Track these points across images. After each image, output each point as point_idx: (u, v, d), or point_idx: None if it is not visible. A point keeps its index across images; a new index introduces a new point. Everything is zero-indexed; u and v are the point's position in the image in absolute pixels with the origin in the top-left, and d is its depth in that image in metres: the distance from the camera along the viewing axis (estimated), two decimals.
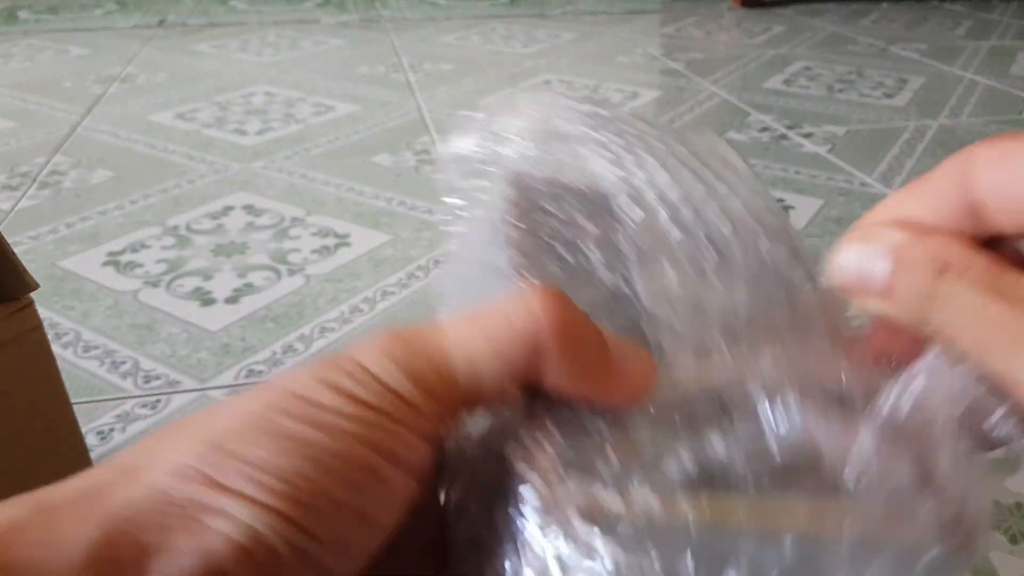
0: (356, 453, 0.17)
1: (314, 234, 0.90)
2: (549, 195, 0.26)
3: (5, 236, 0.40)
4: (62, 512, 0.16)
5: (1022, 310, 0.17)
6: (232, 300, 0.77)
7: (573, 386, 0.19)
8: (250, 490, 0.16)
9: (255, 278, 0.81)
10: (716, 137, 0.28)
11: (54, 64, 1.55)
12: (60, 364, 0.45)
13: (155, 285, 0.79)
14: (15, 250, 0.41)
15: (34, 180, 1.03)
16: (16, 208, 0.96)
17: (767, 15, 2.02)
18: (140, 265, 0.83)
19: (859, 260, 0.20)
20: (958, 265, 0.19)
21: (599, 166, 0.27)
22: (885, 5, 2.18)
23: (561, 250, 0.24)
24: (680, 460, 0.18)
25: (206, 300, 0.77)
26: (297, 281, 0.80)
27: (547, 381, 0.19)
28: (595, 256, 0.24)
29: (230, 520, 0.16)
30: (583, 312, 0.20)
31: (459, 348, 0.19)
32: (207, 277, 0.81)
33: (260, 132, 1.21)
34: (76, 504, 0.16)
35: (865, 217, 0.21)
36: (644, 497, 0.18)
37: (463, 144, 0.28)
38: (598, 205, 0.26)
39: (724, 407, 0.20)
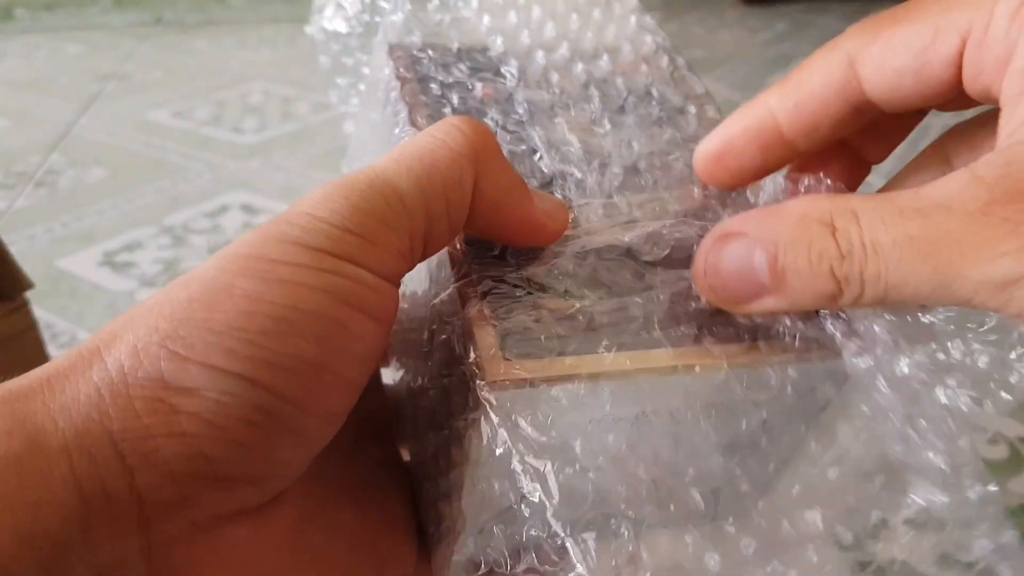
0: (320, 305, 0.16)
1: None
2: (434, 62, 0.25)
3: (1, 235, 0.40)
4: (29, 402, 0.15)
5: (970, 206, 0.16)
6: None
7: (501, 215, 0.19)
8: (217, 359, 0.15)
9: None
10: None
11: (50, 62, 1.54)
12: None
13: (151, 285, 0.79)
14: (10, 249, 0.40)
15: (30, 179, 1.03)
16: (12, 207, 0.95)
17: (770, 12, 2.01)
18: (136, 265, 0.82)
19: (739, 266, 0.18)
20: (842, 218, 0.17)
21: (481, 25, 0.27)
22: (887, 2, 2.18)
23: (455, 113, 0.23)
24: (594, 312, 0.18)
25: None
26: None
27: (478, 207, 0.18)
28: (489, 115, 0.23)
29: (199, 397, 0.15)
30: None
31: (402, 176, 0.18)
32: None
33: (257, 130, 1.20)
34: (40, 394, 0.15)
35: (733, 118, 0.21)
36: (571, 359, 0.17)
37: (329, 19, 0.28)
38: (483, 64, 0.26)
39: (631, 253, 0.20)
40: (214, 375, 0.15)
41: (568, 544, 0.16)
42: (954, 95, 0.19)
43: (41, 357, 0.43)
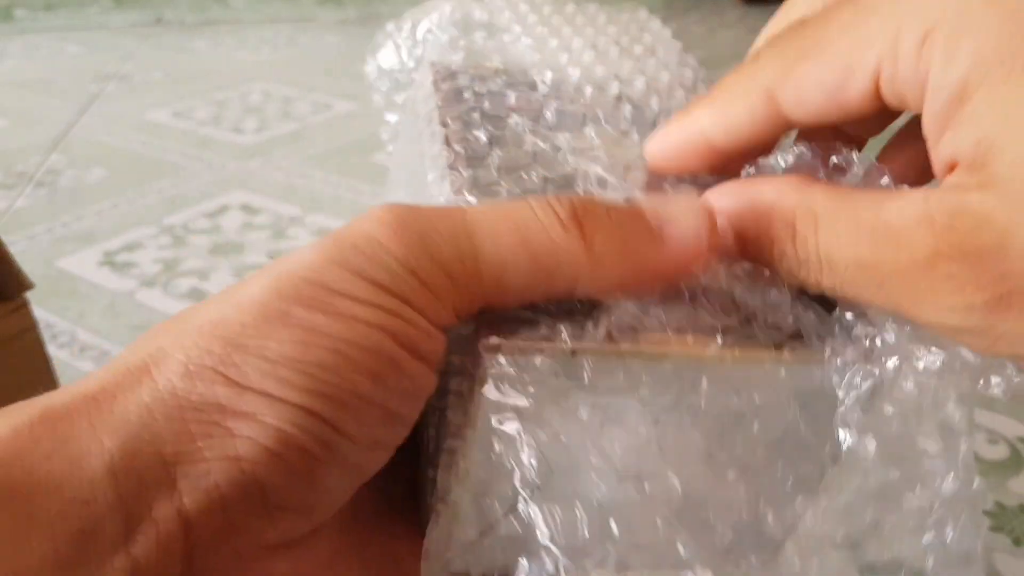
0: (376, 343, 0.16)
1: (312, 233, 0.89)
2: (470, 76, 0.26)
3: (0, 235, 0.40)
4: (72, 420, 0.15)
5: (915, 244, 0.16)
6: None
7: (611, 288, 0.18)
8: (274, 388, 0.15)
9: None
10: (648, 15, 0.29)
11: (50, 62, 1.54)
12: (56, 365, 0.44)
13: (151, 285, 0.79)
14: (10, 249, 0.40)
15: (30, 179, 1.03)
16: (12, 207, 0.95)
17: (770, 12, 2.01)
18: (136, 265, 0.82)
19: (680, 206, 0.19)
20: (803, 220, 0.18)
21: (521, 49, 0.27)
22: None
23: (486, 122, 0.24)
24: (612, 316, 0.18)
25: (203, 300, 0.76)
26: None
27: (578, 292, 0.17)
28: (519, 122, 0.24)
29: (258, 423, 0.15)
30: (610, 205, 0.18)
31: (490, 242, 0.17)
32: (204, 277, 0.80)
33: (257, 130, 1.20)
34: (85, 412, 0.15)
35: (673, 140, 0.21)
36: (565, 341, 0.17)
37: (384, 57, 0.28)
38: (520, 81, 0.26)
39: None
40: (271, 403, 0.15)
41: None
42: (883, 115, 0.19)
43: (41, 357, 0.43)
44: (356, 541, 0.19)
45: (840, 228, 0.17)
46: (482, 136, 0.23)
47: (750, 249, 0.19)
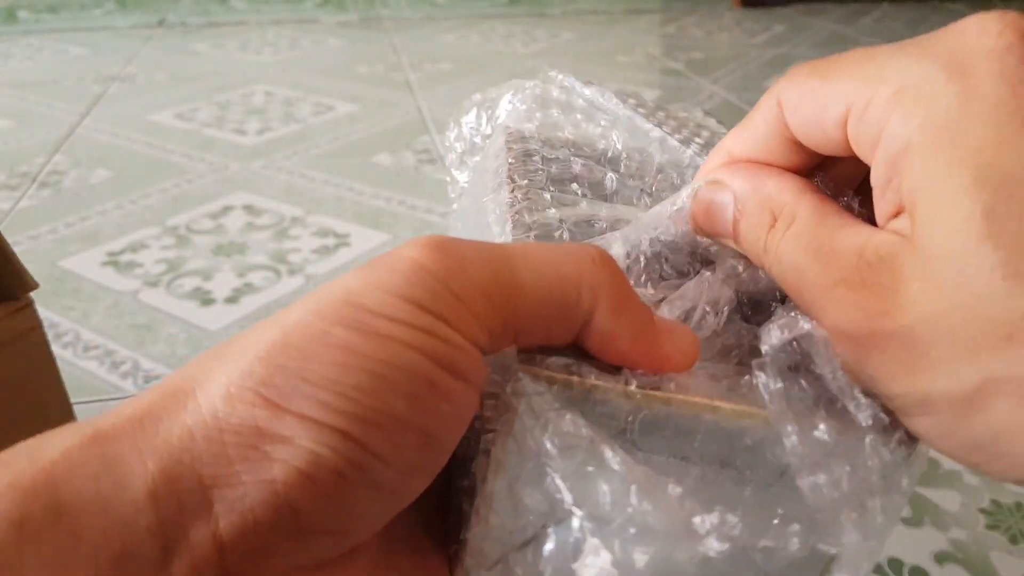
0: (416, 365, 0.16)
1: (314, 234, 0.90)
2: (540, 142, 0.27)
3: (5, 236, 0.40)
4: (119, 442, 0.15)
5: (836, 267, 0.19)
6: (232, 300, 0.77)
7: (618, 345, 0.19)
8: (312, 410, 0.15)
9: (255, 278, 0.81)
10: (704, 115, 0.30)
11: (53, 64, 1.55)
12: (60, 364, 0.45)
13: (155, 285, 0.79)
14: (15, 250, 0.41)
15: (34, 180, 1.03)
16: (16, 208, 0.96)
17: (767, 14, 2.02)
18: (140, 265, 0.83)
19: (710, 202, 0.22)
20: (785, 217, 0.20)
21: (591, 128, 0.29)
22: (886, 4, 2.18)
23: (551, 184, 0.25)
24: None
25: (206, 300, 0.77)
26: (297, 281, 0.80)
27: (591, 335, 0.18)
28: (580, 189, 0.25)
29: (293, 447, 0.15)
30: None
31: (526, 270, 0.18)
32: (207, 277, 0.81)
33: (260, 132, 1.20)
34: (131, 434, 0.15)
35: (709, 158, 0.24)
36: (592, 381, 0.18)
37: (466, 121, 0.29)
38: (586, 154, 0.27)
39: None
40: (308, 426, 0.15)
41: None
42: (846, 150, 0.20)
43: (46, 357, 0.44)
44: (390, 560, 0.19)
45: (803, 236, 0.20)
46: (546, 195, 0.24)
47: (739, 226, 0.22)
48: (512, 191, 0.24)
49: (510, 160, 0.25)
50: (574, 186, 0.25)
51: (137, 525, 0.14)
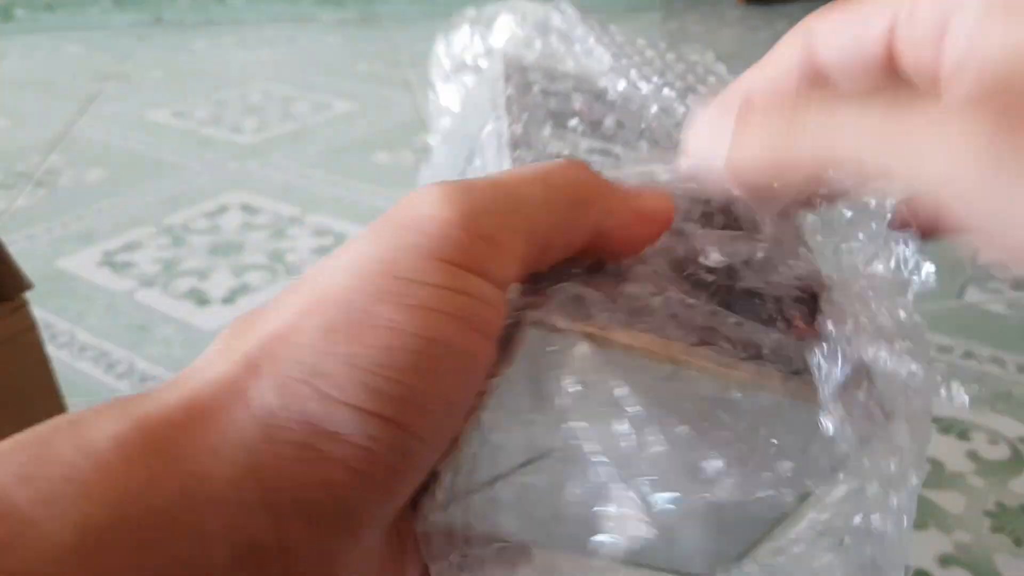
0: (455, 337, 0.16)
1: (311, 233, 0.89)
2: (541, 73, 0.26)
3: (0, 235, 0.40)
4: (176, 440, 0.14)
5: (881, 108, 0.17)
6: (228, 300, 0.76)
7: (607, 229, 0.18)
8: (363, 399, 0.15)
9: (251, 278, 0.80)
10: (714, 59, 0.29)
11: (49, 62, 1.54)
12: (55, 365, 0.44)
13: (150, 285, 0.79)
14: (10, 249, 0.40)
15: (29, 179, 1.03)
16: (11, 207, 0.95)
17: (770, 11, 2.01)
18: (135, 265, 0.82)
19: (710, 125, 0.20)
20: (802, 101, 0.18)
21: (592, 62, 0.28)
22: None
23: (550, 119, 0.24)
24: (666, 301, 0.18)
25: (202, 300, 0.76)
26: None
27: (599, 237, 0.18)
28: (578, 125, 0.24)
29: (346, 443, 0.15)
30: (604, 178, 0.19)
31: (526, 183, 0.17)
32: (203, 277, 0.80)
33: (257, 130, 1.20)
34: (187, 429, 0.14)
35: (722, 95, 0.22)
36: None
37: (457, 38, 0.29)
38: (587, 88, 0.27)
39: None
40: (360, 418, 0.15)
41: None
42: (886, 74, 0.20)
43: (41, 357, 0.43)
44: (394, 534, 0.19)
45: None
46: (546, 131, 0.23)
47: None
48: (510, 124, 0.23)
49: (509, 91, 0.24)
50: (573, 122, 0.24)
51: (205, 533, 0.14)
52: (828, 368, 0.18)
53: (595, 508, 0.18)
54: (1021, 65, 0.16)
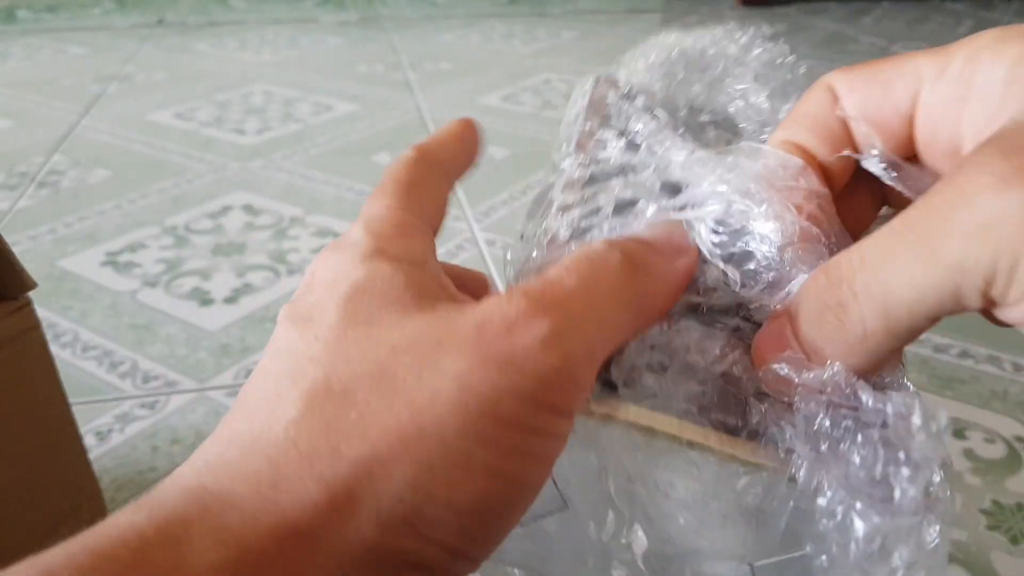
0: (540, 479, 0.16)
1: (313, 234, 0.90)
2: (624, 96, 0.26)
3: (3, 235, 0.40)
4: (273, 571, 0.14)
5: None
6: (231, 300, 0.77)
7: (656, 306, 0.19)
8: (453, 540, 0.15)
9: (254, 278, 0.81)
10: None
11: (52, 63, 1.55)
12: (58, 364, 0.45)
13: (153, 285, 0.79)
14: (14, 250, 0.41)
15: (32, 180, 1.03)
16: (14, 208, 0.96)
17: (768, 14, 2.02)
18: (138, 265, 0.83)
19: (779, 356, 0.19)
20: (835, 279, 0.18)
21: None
22: (886, 4, 2.18)
23: (611, 133, 0.24)
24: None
25: (205, 300, 0.77)
26: (296, 281, 0.80)
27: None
28: (619, 144, 0.24)
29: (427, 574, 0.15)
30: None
31: (619, 337, 0.18)
32: (206, 277, 0.81)
33: (259, 131, 1.20)
34: (284, 556, 0.14)
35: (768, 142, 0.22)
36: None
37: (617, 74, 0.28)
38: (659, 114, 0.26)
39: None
40: (450, 556, 0.15)
41: None
42: (906, 147, 0.20)
43: (45, 357, 0.44)
44: None
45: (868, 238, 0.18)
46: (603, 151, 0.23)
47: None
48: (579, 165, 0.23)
49: (590, 113, 0.25)
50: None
51: None
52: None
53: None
54: None
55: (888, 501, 0.17)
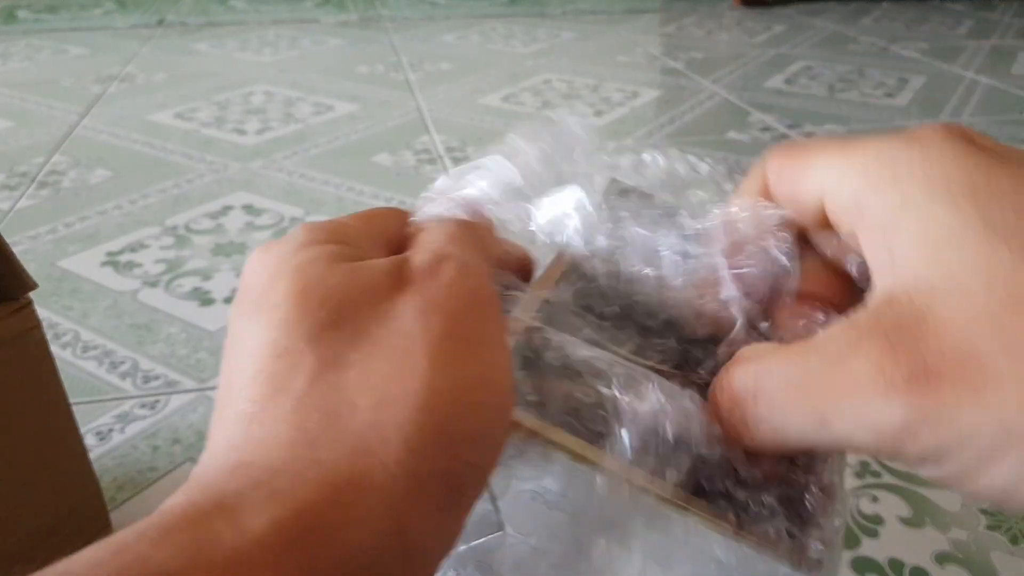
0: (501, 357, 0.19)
1: None
2: (632, 197, 0.26)
3: (4, 236, 0.40)
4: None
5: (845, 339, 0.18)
6: (231, 300, 0.77)
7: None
8: (474, 456, 0.17)
9: None
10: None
11: (53, 63, 1.55)
12: (59, 364, 0.45)
13: (154, 285, 0.79)
14: (14, 250, 0.41)
15: (33, 180, 1.03)
16: (15, 208, 0.96)
17: (768, 14, 2.02)
18: (139, 265, 0.83)
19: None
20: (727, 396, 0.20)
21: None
22: (886, 4, 2.18)
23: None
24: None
25: (205, 300, 0.77)
26: None
27: None
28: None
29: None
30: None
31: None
32: (206, 277, 0.81)
33: (259, 132, 1.20)
34: (344, 494, 0.15)
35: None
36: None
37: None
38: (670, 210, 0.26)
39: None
40: (471, 472, 0.17)
41: None
42: (825, 222, 0.21)
43: (45, 357, 0.44)
44: None
45: (771, 362, 0.19)
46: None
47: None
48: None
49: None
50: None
51: None
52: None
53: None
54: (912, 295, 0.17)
55: None
